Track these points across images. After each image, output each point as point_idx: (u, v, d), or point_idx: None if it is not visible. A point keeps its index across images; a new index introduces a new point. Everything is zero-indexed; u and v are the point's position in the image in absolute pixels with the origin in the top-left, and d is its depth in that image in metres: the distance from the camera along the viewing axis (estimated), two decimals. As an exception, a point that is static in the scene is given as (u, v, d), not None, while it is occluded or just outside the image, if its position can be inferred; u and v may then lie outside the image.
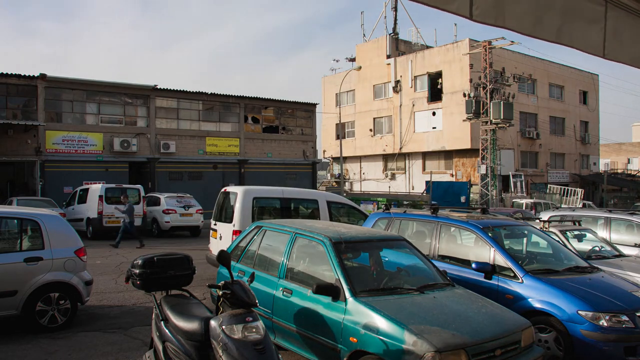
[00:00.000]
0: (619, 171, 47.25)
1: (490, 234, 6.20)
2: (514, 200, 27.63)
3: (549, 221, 8.33)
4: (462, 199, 26.26)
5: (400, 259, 5.68)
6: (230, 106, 29.28)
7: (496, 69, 29.70)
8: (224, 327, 3.62)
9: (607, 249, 8.14)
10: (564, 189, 32.94)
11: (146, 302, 8.13)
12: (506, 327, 4.35)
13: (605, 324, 5.10)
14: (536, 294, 5.48)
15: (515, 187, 32.14)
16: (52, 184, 22.71)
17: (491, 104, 28.10)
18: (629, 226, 9.63)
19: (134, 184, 20.02)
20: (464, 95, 29.07)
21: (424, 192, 30.10)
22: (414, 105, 35.89)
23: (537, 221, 8.78)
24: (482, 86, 29.01)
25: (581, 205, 29.92)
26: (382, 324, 4.11)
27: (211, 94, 28.09)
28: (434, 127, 34.71)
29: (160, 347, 4.31)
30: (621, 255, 8.04)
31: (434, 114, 34.67)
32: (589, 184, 39.17)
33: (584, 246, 8.06)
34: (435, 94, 34.69)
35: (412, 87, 36.09)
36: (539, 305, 5.42)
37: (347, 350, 4.32)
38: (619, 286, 5.83)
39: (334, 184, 39.60)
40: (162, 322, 4.35)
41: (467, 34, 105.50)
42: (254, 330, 3.65)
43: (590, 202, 32.21)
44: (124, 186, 18.81)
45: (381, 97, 38.67)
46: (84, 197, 18.40)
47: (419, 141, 35.69)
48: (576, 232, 8.32)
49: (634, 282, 6.30)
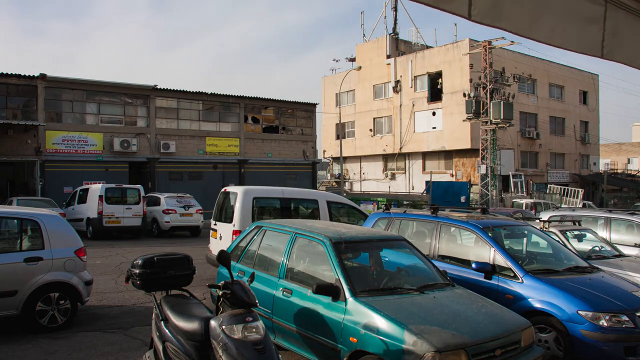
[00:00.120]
0: (619, 171, 47.23)
1: (490, 234, 6.20)
2: (514, 200, 27.62)
3: (549, 221, 8.32)
4: (462, 199, 26.25)
5: (400, 259, 5.69)
6: (230, 106, 29.28)
7: (496, 69, 29.69)
8: (224, 327, 3.62)
9: (607, 249, 8.14)
10: (564, 189, 32.93)
11: (146, 302, 8.13)
12: (506, 327, 4.35)
13: (605, 324, 5.10)
14: (536, 294, 5.48)
15: (515, 187, 32.14)
16: (52, 184, 22.72)
17: (491, 104, 28.09)
18: (629, 226, 9.63)
19: (134, 184, 19.99)
20: (464, 95, 29.06)
21: (424, 192, 30.12)
22: (414, 105, 35.88)
23: (537, 221, 8.77)
24: (482, 86, 29.00)
25: (581, 205, 29.90)
26: (382, 324, 4.11)
27: (211, 94, 28.09)
28: (434, 127, 34.70)
29: (160, 347, 4.31)
30: (621, 255, 8.04)
31: (434, 114, 34.66)
32: (589, 184, 39.16)
33: (584, 246, 8.06)
34: (435, 94, 34.68)
35: (412, 87, 36.08)
36: (539, 305, 5.42)
37: (347, 350, 4.32)
38: (619, 286, 5.83)
39: (334, 184, 39.60)
40: (162, 322, 4.35)
41: (467, 34, 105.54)
42: (254, 330, 3.64)
43: (590, 202, 32.20)
44: (124, 186, 18.81)
45: (381, 97, 38.66)
46: (84, 197, 18.40)
47: (419, 141, 35.69)
48: (576, 232, 8.32)
49: (634, 282, 6.30)
